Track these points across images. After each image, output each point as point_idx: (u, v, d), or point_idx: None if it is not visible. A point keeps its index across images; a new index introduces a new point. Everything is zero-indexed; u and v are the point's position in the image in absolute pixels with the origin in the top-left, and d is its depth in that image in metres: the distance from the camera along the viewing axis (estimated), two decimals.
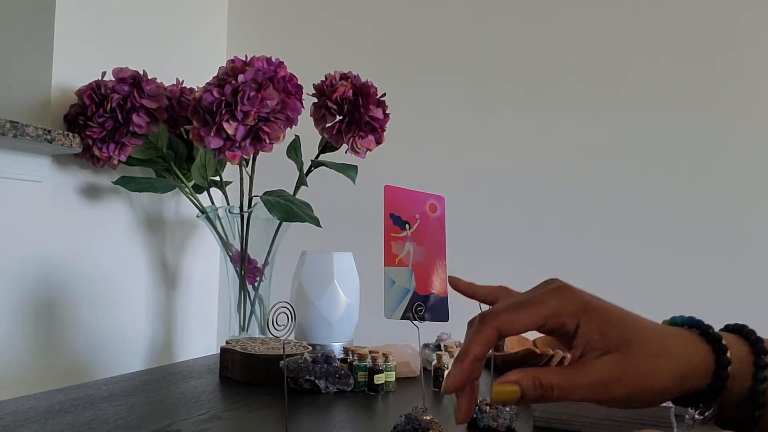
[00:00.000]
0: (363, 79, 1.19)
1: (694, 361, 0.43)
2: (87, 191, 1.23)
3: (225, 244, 1.24)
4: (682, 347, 0.43)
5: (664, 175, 1.39)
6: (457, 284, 0.56)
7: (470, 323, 0.45)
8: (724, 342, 0.43)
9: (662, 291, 1.37)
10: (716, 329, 0.46)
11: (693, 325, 0.46)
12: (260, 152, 1.12)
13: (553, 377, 0.42)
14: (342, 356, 0.96)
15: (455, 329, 1.05)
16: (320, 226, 1.14)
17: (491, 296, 0.53)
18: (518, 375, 0.42)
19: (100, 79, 1.16)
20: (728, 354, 0.43)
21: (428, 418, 0.67)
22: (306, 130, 1.23)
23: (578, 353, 0.43)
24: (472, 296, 0.54)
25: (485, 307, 0.78)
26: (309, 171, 1.26)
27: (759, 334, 0.46)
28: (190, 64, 1.48)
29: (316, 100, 1.21)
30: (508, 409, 0.72)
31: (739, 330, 0.46)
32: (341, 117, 1.18)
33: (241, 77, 1.07)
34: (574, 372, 0.42)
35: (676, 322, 0.47)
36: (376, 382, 0.90)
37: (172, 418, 0.75)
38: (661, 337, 0.44)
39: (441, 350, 0.97)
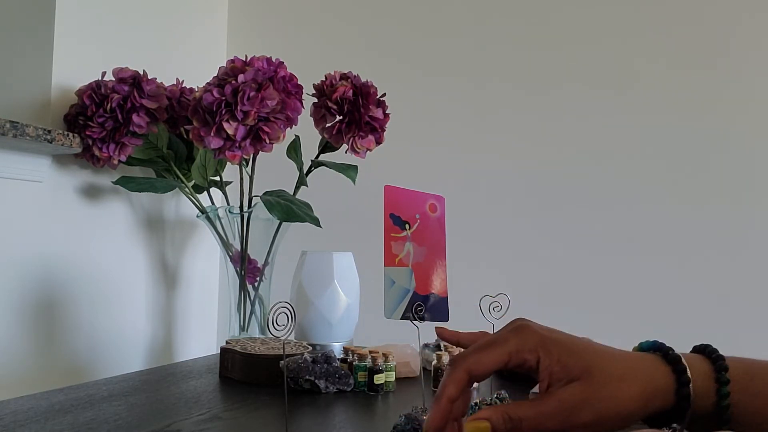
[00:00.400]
0: (363, 79, 1.19)
1: (656, 383, 0.45)
2: (87, 191, 1.23)
3: (225, 244, 1.24)
4: (642, 370, 0.46)
5: (664, 175, 1.39)
6: (442, 334, 0.58)
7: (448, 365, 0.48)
8: (683, 362, 0.46)
9: (662, 291, 1.37)
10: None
11: (657, 349, 0.48)
12: (260, 152, 1.12)
13: (521, 410, 0.44)
14: (342, 356, 0.96)
15: (455, 329, 1.05)
16: (320, 226, 1.14)
17: (473, 341, 0.56)
18: (488, 412, 0.45)
19: (100, 79, 1.16)
20: (688, 373, 0.45)
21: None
22: (306, 130, 1.23)
23: (545, 386, 0.45)
24: (456, 343, 0.57)
25: (485, 307, 0.78)
26: (309, 171, 1.26)
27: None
28: (190, 64, 1.48)
29: (316, 100, 1.21)
30: None
31: (702, 350, 0.49)
32: (341, 117, 1.18)
33: (241, 77, 1.07)
34: (540, 403, 0.45)
35: (642, 348, 0.50)
36: (376, 382, 0.90)
37: (172, 418, 0.75)
38: (622, 362, 0.46)
39: (441, 350, 0.97)
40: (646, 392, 0.45)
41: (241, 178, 1.22)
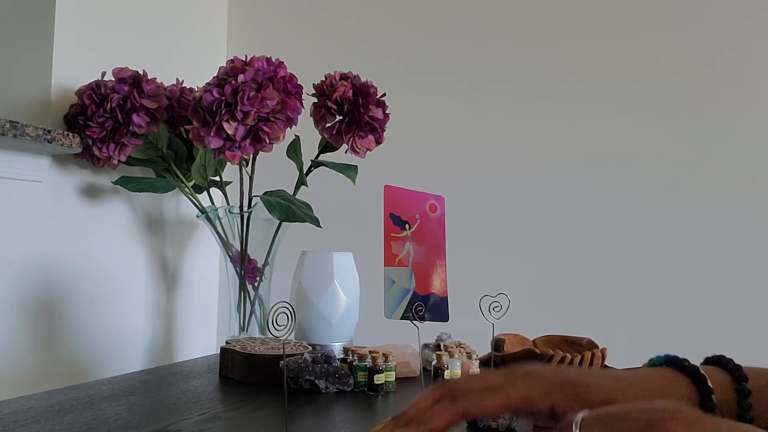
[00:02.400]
0: (363, 79, 1.19)
1: (679, 398, 0.44)
2: (87, 191, 1.23)
3: (225, 244, 1.24)
4: (662, 388, 0.45)
5: (664, 175, 1.39)
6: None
7: (431, 389, 0.44)
8: (702, 372, 0.45)
9: (662, 291, 1.37)
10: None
11: (670, 362, 0.47)
12: (260, 152, 1.12)
13: None
14: (342, 356, 0.96)
15: (455, 329, 1.05)
16: (320, 226, 1.14)
17: None
18: None
19: (100, 79, 1.16)
20: (708, 383, 0.44)
21: None
22: (306, 130, 1.23)
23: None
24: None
25: (485, 307, 0.78)
26: (309, 171, 1.26)
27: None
28: (190, 64, 1.48)
29: (316, 100, 1.21)
30: None
31: (716, 361, 0.47)
32: (341, 117, 1.18)
33: (241, 77, 1.07)
34: None
35: (654, 363, 0.48)
36: (376, 382, 0.90)
37: (172, 418, 0.75)
38: (640, 383, 0.45)
39: (441, 350, 0.97)
40: None
41: (241, 178, 1.22)
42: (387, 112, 1.21)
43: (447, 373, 0.92)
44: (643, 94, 1.41)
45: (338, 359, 0.93)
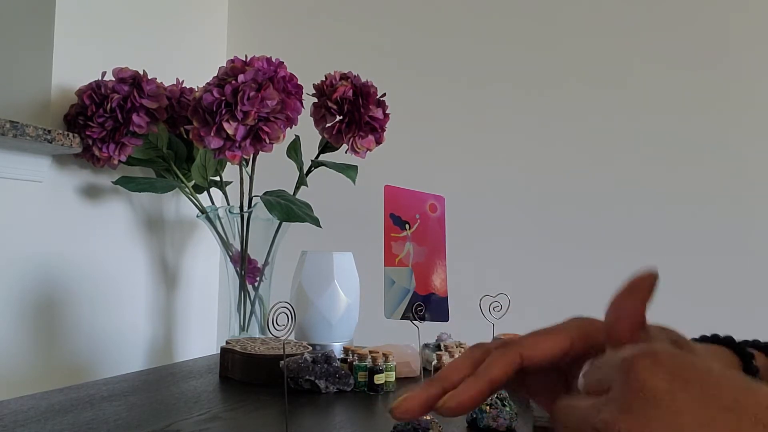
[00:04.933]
0: (363, 79, 1.19)
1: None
2: (87, 191, 1.23)
3: (225, 244, 1.24)
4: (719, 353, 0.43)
5: (664, 175, 1.39)
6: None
7: (474, 347, 0.40)
8: (748, 350, 0.43)
9: (663, 291, 1.37)
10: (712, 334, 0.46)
11: (710, 341, 0.45)
12: (260, 152, 1.12)
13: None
14: (342, 356, 0.96)
15: (455, 329, 1.05)
16: (320, 226, 1.14)
17: None
18: None
19: (100, 79, 1.16)
20: (755, 362, 0.42)
21: (428, 418, 0.66)
22: (306, 130, 1.23)
23: None
24: None
25: (485, 307, 0.78)
26: (309, 171, 1.26)
27: (761, 336, 0.45)
28: (190, 64, 1.48)
29: (316, 100, 1.21)
30: (508, 409, 0.72)
31: (716, 341, 0.45)
32: (341, 117, 1.18)
33: (241, 77, 1.07)
34: None
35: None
36: (376, 382, 0.90)
37: (172, 418, 0.75)
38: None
39: (441, 350, 0.98)
40: None
41: (241, 178, 1.22)
42: (387, 112, 1.21)
43: None
44: (644, 94, 1.41)
45: (338, 359, 0.93)
